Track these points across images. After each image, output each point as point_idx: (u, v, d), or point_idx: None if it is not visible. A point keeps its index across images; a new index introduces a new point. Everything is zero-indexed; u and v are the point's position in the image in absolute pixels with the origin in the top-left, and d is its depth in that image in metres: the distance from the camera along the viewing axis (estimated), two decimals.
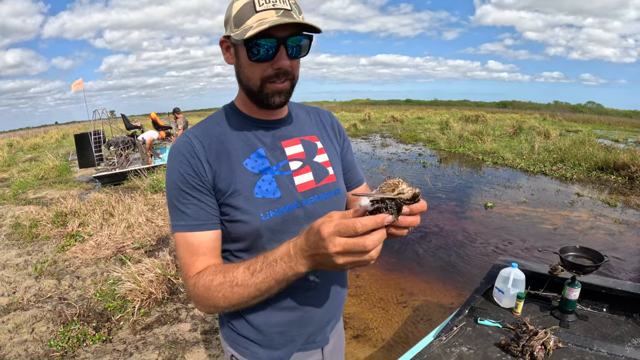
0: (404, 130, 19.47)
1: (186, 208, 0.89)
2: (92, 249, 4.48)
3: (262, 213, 0.90)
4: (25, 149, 18.05)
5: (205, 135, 0.93)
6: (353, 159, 1.20)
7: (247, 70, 0.88)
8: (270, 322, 0.99)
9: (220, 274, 0.83)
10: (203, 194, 0.89)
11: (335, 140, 1.13)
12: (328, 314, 1.07)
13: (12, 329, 3.00)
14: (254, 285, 0.79)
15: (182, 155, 0.90)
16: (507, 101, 72.74)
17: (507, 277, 1.75)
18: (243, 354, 1.04)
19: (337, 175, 1.06)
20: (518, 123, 18.06)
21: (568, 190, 7.43)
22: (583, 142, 11.15)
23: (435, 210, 6.22)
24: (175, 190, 0.89)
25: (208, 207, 0.90)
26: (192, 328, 3.00)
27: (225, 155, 0.92)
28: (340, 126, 1.18)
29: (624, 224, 5.55)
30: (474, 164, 10.34)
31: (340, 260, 0.64)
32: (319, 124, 1.11)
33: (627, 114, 49.80)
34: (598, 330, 1.58)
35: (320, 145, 1.06)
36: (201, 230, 0.89)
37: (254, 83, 0.89)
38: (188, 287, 0.89)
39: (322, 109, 1.17)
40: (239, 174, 0.91)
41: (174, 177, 0.90)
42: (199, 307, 0.88)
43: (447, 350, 1.46)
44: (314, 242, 0.68)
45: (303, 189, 0.97)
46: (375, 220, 0.62)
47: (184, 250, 0.89)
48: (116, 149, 9.35)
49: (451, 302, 3.46)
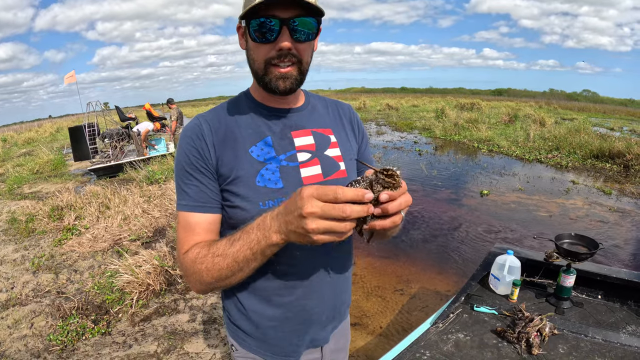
0: (399, 118, 19.44)
1: (188, 189, 0.91)
2: (89, 242, 4.47)
3: (262, 202, 0.90)
4: (20, 144, 17.88)
5: (215, 120, 0.94)
6: (370, 157, 1.18)
7: (252, 52, 0.88)
8: (264, 315, 0.99)
9: (205, 247, 0.86)
10: (205, 177, 0.91)
11: (353, 135, 1.11)
12: (327, 314, 1.05)
13: (12, 325, 3.00)
14: (232, 255, 0.79)
15: (189, 137, 0.91)
16: (502, 89, 72.60)
17: (502, 265, 1.77)
18: (242, 345, 1.05)
19: (349, 171, 1.03)
20: (513, 111, 18.06)
21: (563, 178, 7.47)
22: (578, 130, 11.19)
23: (431, 198, 6.24)
24: (180, 171, 0.92)
25: (208, 190, 0.91)
26: (191, 318, 3.01)
27: (232, 141, 0.92)
28: (360, 122, 1.16)
29: (618, 212, 5.59)
30: (469, 151, 10.35)
31: (313, 225, 0.62)
32: (336, 118, 1.09)
33: (623, 102, 49.90)
34: (593, 317, 1.60)
35: (334, 139, 1.03)
36: (199, 212, 0.91)
37: (259, 65, 0.88)
38: (179, 263, 0.92)
39: (342, 103, 1.15)
40: (243, 160, 0.91)
41: (180, 157, 0.92)
42: (189, 284, 0.91)
43: (443, 337, 1.47)
44: (291, 203, 0.67)
45: (309, 182, 0.94)
46: (355, 192, 0.62)
47: (181, 229, 0.92)
48: (111, 141, 9.29)
49: (447, 289, 3.49)
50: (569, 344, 1.40)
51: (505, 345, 1.40)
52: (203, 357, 2.59)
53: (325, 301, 1.03)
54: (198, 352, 2.63)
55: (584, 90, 59.63)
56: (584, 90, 59.64)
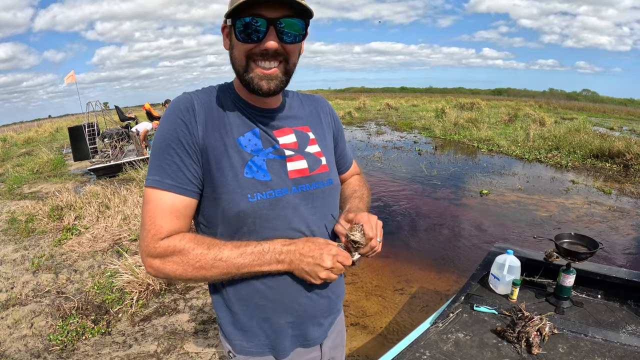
0: (399, 117, 19.44)
1: (167, 166, 0.85)
2: (88, 242, 4.47)
3: (250, 194, 0.88)
4: (19, 144, 17.86)
5: (207, 102, 0.91)
6: (345, 146, 1.21)
7: (236, 51, 0.86)
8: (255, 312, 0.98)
9: (202, 245, 0.85)
10: (189, 157, 0.86)
11: (329, 129, 1.12)
12: (321, 310, 1.05)
13: (12, 325, 3.00)
14: (236, 265, 0.85)
15: (179, 109, 0.87)
16: (502, 89, 72.55)
17: (502, 264, 1.77)
18: (236, 350, 1.03)
19: (329, 165, 1.04)
20: (513, 110, 18.09)
21: (563, 178, 7.47)
22: (578, 129, 11.19)
23: (431, 198, 6.24)
24: (162, 145, 0.86)
25: (188, 172, 0.86)
26: (191, 318, 3.01)
27: (222, 126, 0.90)
28: (335, 115, 1.16)
29: (618, 212, 5.59)
30: (469, 151, 10.35)
31: (323, 275, 0.89)
32: (312, 114, 1.09)
33: (622, 102, 49.91)
34: (593, 316, 1.60)
35: (312, 136, 1.04)
36: (177, 193, 0.86)
37: (240, 63, 0.86)
38: (154, 245, 0.85)
39: (317, 97, 1.15)
40: (230, 149, 0.89)
41: (165, 131, 0.86)
42: (154, 267, 0.86)
43: (443, 337, 1.47)
44: (310, 248, 0.89)
45: (294, 176, 0.95)
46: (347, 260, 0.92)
47: (154, 208, 0.85)
48: (110, 140, 9.29)
49: (447, 289, 3.49)
50: (569, 344, 1.40)
51: (505, 345, 1.40)
52: (203, 357, 2.59)
53: (319, 294, 1.02)
54: (198, 352, 2.63)
55: (584, 90, 59.64)
56: (583, 90, 59.66)
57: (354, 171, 1.29)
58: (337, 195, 1.08)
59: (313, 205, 0.97)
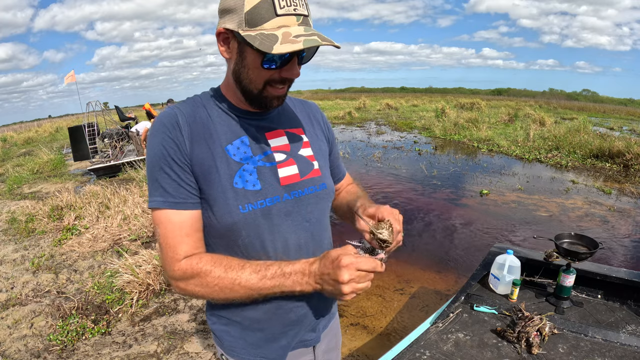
0: (399, 117, 19.44)
1: (166, 184, 0.84)
2: (88, 242, 4.47)
3: (241, 205, 0.86)
4: (19, 144, 17.89)
5: (191, 115, 0.89)
6: (338, 157, 1.19)
7: (252, 73, 0.83)
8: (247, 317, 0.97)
9: (220, 267, 0.83)
10: (184, 171, 0.85)
11: (322, 133, 1.10)
12: (316, 314, 1.04)
13: (12, 325, 3.00)
14: (258, 289, 0.82)
15: (165, 126, 0.85)
16: (502, 88, 72.48)
17: (502, 264, 1.77)
18: (230, 354, 1.02)
19: (322, 169, 1.02)
20: (513, 110, 18.08)
21: (563, 178, 7.47)
22: (578, 129, 11.18)
23: (431, 198, 6.24)
24: (156, 164, 0.85)
25: (187, 186, 0.86)
26: (191, 318, 3.01)
27: (207, 136, 0.88)
28: (327, 121, 1.15)
29: (618, 211, 5.59)
30: (469, 151, 10.35)
31: (348, 289, 0.76)
32: (305, 117, 1.07)
33: (622, 102, 49.88)
34: (593, 316, 1.60)
35: (306, 139, 1.02)
36: (181, 209, 0.85)
37: (256, 86, 0.85)
38: (173, 268, 0.85)
39: (308, 102, 1.14)
40: (218, 159, 0.87)
41: (155, 149, 0.85)
42: (180, 288, 0.87)
43: (443, 337, 1.47)
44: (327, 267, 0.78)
45: (286, 182, 0.93)
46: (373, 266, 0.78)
47: (165, 230, 0.85)
48: (110, 140, 9.29)
49: (447, 289, 3.49)
50: (569, 344, 1.40)
51: (505, 345, 1.40)
52: (203, 357, 2.59)
53: (314, 298, 1.01)
54: (198, 352, 2.63)
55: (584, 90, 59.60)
56: (583, 90, 59.61)
57: (348, 181, 1.26)
58: (330, 200, 1.06)
59: (307, 211, 0.96)
